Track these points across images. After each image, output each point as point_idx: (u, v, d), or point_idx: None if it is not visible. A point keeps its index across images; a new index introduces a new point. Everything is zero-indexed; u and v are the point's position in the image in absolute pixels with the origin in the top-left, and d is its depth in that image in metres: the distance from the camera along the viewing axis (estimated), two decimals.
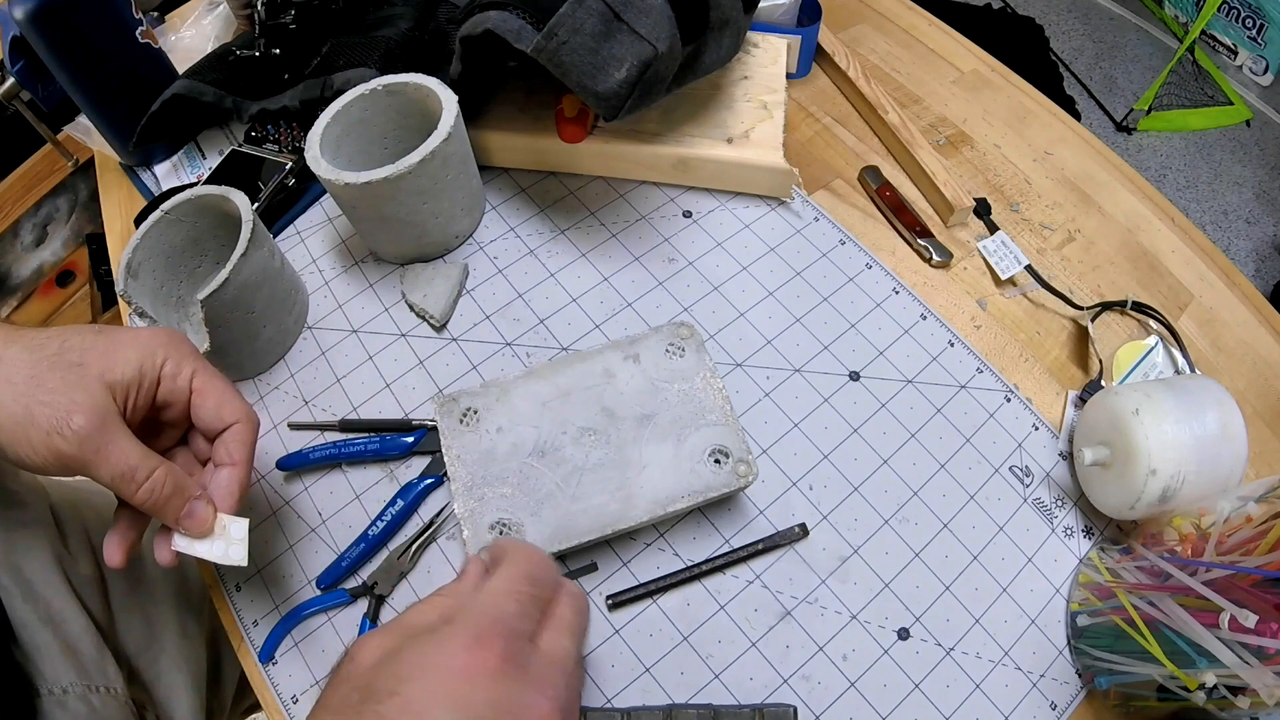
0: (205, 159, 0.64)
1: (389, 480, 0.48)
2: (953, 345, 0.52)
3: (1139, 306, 0.53)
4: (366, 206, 0.50)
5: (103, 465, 0.32)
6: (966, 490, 0.47)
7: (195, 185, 0.58)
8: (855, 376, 0.51)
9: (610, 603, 0.43)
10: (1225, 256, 0.58)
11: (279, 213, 0.59)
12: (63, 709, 0.41)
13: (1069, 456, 0.48)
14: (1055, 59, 1.90)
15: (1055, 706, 0.41)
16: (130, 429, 0.34)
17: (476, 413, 0.44)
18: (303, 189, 0.60)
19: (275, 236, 0.58)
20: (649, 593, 0.44)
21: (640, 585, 0.44)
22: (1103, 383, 0.50)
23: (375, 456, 0.48)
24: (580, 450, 0.43)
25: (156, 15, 0.74)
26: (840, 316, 0.53)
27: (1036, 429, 0.49)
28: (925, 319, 0.53)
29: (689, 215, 0.57)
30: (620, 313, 0.53)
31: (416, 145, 0.47)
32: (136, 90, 0.59)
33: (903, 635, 0.43)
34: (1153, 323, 0.53)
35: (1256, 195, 1.68)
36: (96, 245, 1.23)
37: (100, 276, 1.24)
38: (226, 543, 0.36)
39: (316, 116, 0.50)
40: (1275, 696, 0.31)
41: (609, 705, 0.41)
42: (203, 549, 0.36)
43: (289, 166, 0.59)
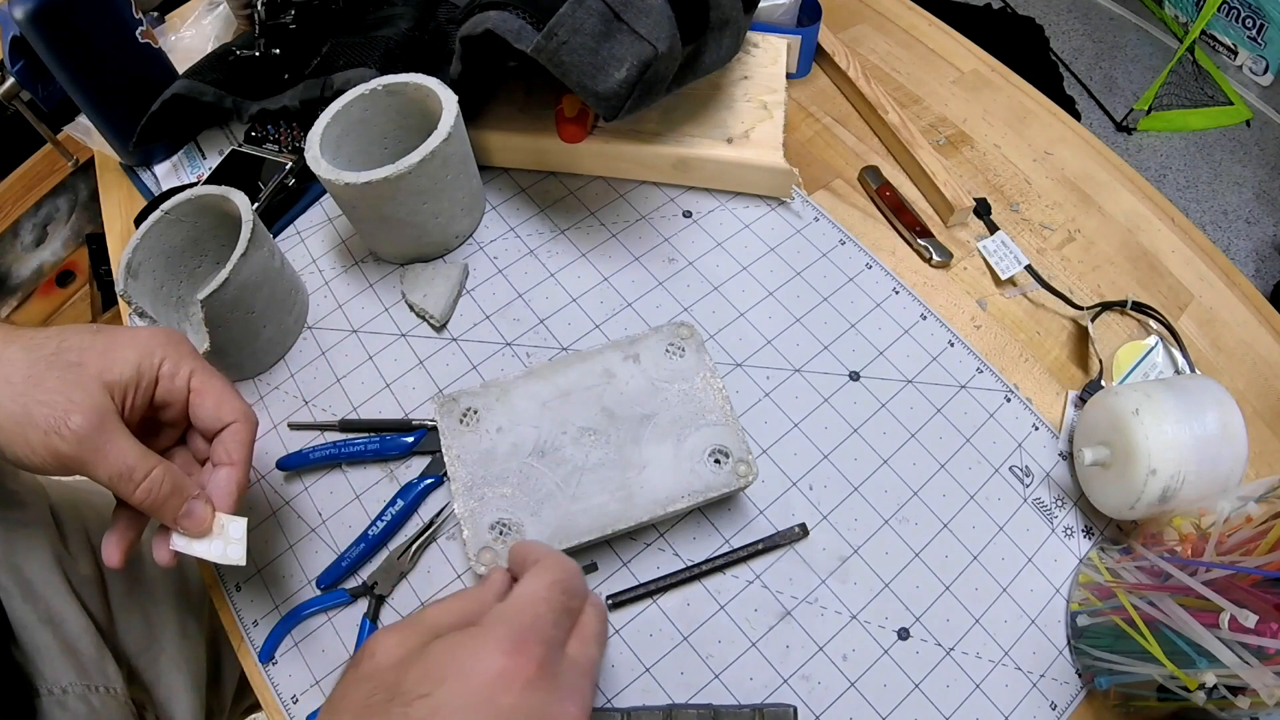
0: (205, 159, 0.64)
1: (389, 480, 0.48)
2: (953, 345, 0.52)
3: (1139, 306, 0.53)
4: (366, 206, 0.50)
5: (101, 465, 0.32)
6: (966, 490, 0.47)
7: (195, 185, 0.58)
8: (855, 376, 0.51)
9: (610, 603, 0.43)
10: (1225, 256, 0.58)
11: (279, 213, 0.59)
12: (62, 709, 0.41)
13: (1069, 456, 0.48)
14: (1055, 59, 1.90)
15: (1055, 706, 0.41)
16: (129, 429, 0.34)
17: (476, 413, 0.44)
18: (303, 189, 0.60)
19: (275, 236, 0.58)
20: (649, 593, 0.44)
21: (640, 585, 0.44)
22: (1103, 383, 0.50)
23: (375, 456, 0.48)
24: (580, 450, 0.43)
25: (156, 15, 0.74)
26: (840, 316, 0.53)
27: (1036, 429, 0.49)
28: (925, 319, 0.53)
29: (689, 215, 0.57)
30: (620, 313, 0.53)
31: (416, 145, 0.47)
32: (136, 90, 0.59)
33: (903, 635, 0.43)
34: (1153, 323, 0.53)
35: (1256, 195, 1.68)
36: (96, 245, 1.23)
37: (100, 276, 1.24)
38: (225, 542, 0.36)
39: (316, 116, 0.50)
40: (1275, 696, 0.31)
41: (609, 705, 0.41)
42: (201, 548, 0.36)
43: (289, 166, 0.59)
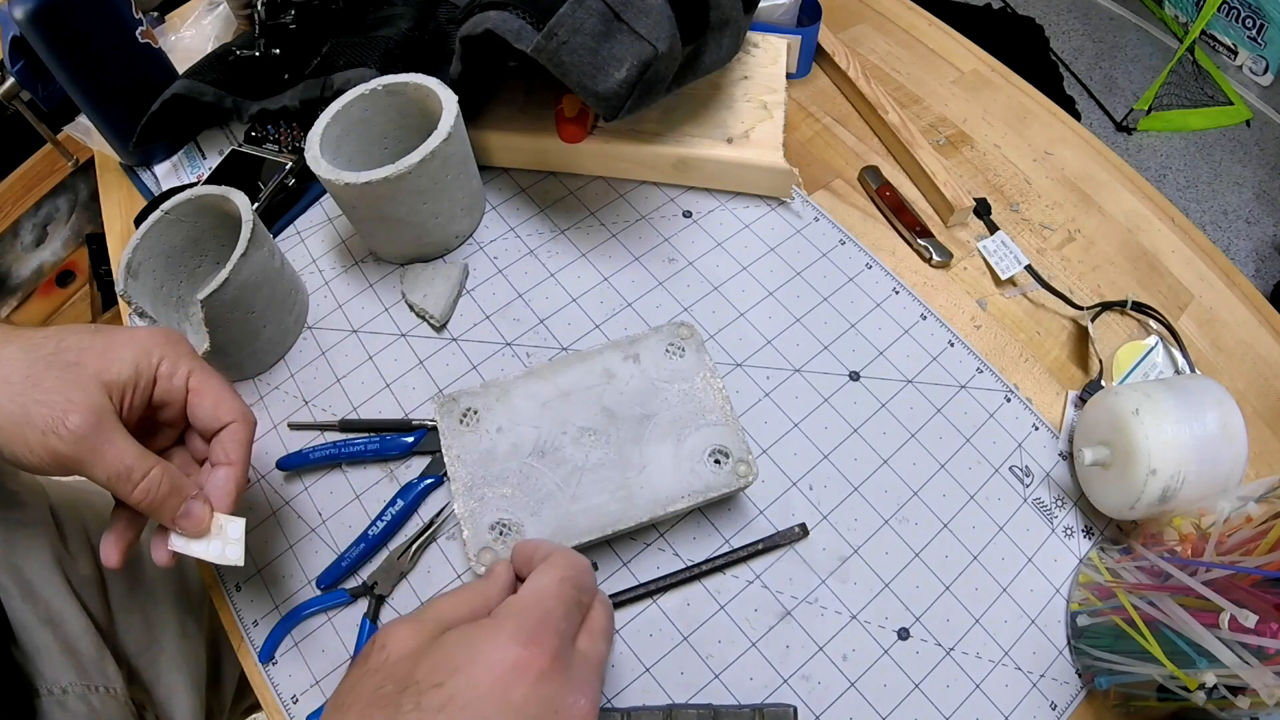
0: (205, 159, 0.64)
1: (389, 480, 0.48)
2: (953, 345, 0.52)
3: (1139, 306, 0.53)
4: (366, 206, 0.50)
5: (99, 465, 0.32)
6: (966, 490, 0.47)
7: (195, 185, 0.58)
8: (855, 376, 0.51)
9: (610, 603, 0.43)
10: (1225, 256, 0.58)
11: (279, 213, 0.59)
12: (62, 709, 0.41)
13: (1069, 456, 0.48)
14: (1055, 59, 1.90)
15: (1055, 706, 0.41)
16: (127, 429, 0.34)
17: (476, 413, 0.44)
18: (303, 189, 0.60)
19: (275, 236, 0.58)
20: (649, 593, 0.44)
21: (640, 585, 0.44)
22: (1103, 383, 0.50)
23: (375, 456, 0.48)
24: (580, 450, 0.43)
25: (156, 15, 0.74)
26: (840, 316, 0.53)
27: (1036, 429, 0.49)
28: (925, 319, 0.53)
29: (689, 215, 0.57)
30: (620, 313, 0.53)
31: (416, 145, 0.47)
32: (136, 90, 0.59)
33: (903, 635, 0.43)
34: (1153, 323, 0.53)
35: (1256, 195, 1.68)
36: (96, 245, 1.23)
37: (100, 276, 1.24)
38: (223, 542, 0.36)
39: (316, 116, 0.50)
40: (1275, 696, 0.31)
41: (609, 705, 0.41)
42: (199, 549, 0.35)
43: (289, 166, 0.59)
